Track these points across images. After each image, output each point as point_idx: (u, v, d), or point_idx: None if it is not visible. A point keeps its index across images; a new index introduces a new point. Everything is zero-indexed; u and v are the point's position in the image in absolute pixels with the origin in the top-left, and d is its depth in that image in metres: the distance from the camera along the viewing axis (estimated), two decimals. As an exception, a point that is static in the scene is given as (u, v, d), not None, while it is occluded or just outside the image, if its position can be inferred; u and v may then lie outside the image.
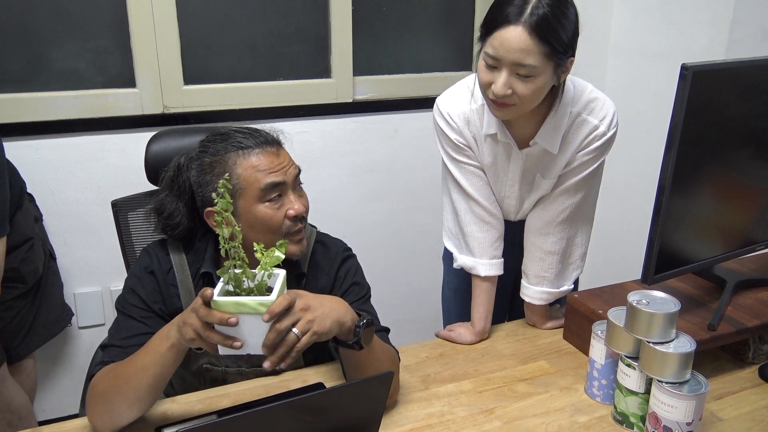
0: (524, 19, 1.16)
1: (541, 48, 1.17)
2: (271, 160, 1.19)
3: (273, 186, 1.18)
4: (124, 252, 1.55)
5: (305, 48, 2.32)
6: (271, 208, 1.19)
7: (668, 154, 1.17)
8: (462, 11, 2.53)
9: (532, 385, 1.32)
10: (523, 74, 1.20)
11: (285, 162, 1.21)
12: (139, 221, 1.56)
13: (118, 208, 1.55)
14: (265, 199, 1.18)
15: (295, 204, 1.20)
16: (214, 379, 1.34)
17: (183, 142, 1.51)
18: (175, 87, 2.14)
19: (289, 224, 1.20)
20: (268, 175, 1.18)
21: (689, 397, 1.05)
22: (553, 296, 1.53)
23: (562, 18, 1.18)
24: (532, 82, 1.21)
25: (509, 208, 1.54)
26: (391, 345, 1.28)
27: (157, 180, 1.55)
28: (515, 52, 1.18)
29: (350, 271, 1.35)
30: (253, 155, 1.19)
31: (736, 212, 1.42)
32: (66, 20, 2.02)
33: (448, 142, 1.45)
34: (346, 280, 1.34)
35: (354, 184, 2.47)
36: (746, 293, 1.47)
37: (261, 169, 1.18)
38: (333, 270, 1.34)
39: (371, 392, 1.00)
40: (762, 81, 1.28)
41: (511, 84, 1.21)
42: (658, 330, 1.10)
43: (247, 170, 1.18)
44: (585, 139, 1.38)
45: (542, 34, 1.16)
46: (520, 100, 1.24)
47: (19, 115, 2.01)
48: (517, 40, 1.17)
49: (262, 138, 1.21)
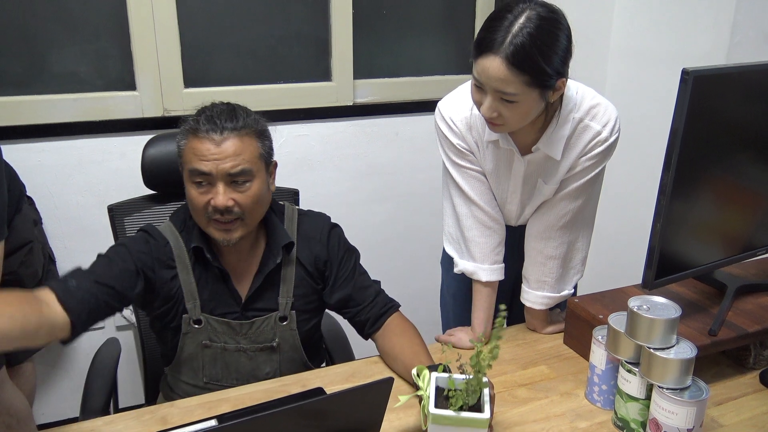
0: (503, 48, 1.14)
1: (519, 77, 1.16)
2: (207, 148, 1.23)
3: (197, 173, 1.25)
4: None
5: (306, 51, 2.32)
6: (196, 191, 1.27)
7: (669, 158, 1.16)
8: (462, 14, 2.53)
9: (532, 391, 1.32)
10: (507, 99, 1.20)
11: (223, 154, 1.23)
12: (137, 226, 1.55)
13: (114, 212, 1.54)
14: (193, 181, 1.26)
15: (217, 196, 1.25)
16: (213, 357, 1.38)
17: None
18: (175, 90, 2.14)
19: (210, 211, 1.27)
20: (197, 161, 1.24)
21: (690, 403, 1.05)
22: (553, 301, 1.53)
23: (545, 46, 1.15)
24: (516, 107, 1.21)
25: (510, 214, 1.53)
26: (389, 298, 1.45)
27: (154, 184, 1.55)
28: (495, 81, 1.18)
29: (340, 238, 1.46)
30: (198, 138, 1.24)
31: (737, 217, 1.42)
32: (66, 23, 2.02)
33: (450, 146, 1.45)
34: (339, 247, 1.44)
35: (354, 187, 2.47)
36: (747, 298, 1.46)
37: (195, 153, 1.24)
38: (324, 238, 1.43)
39: (372, 397, 1.00)
40: (763, 86, 1.27)
41: (497, 108, 1.22)
42: (659, 336, 1.09)
43: (186, 150, 1.27)
44: (587, 145, 1.38)
45: (520, 64, 1.15)
46: (507, 121, 1.24)
47: (19, 118, 2.01)
48: (495, 70, 1.16)
49: (214, 124, 1.24)
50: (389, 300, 1.45)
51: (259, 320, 1.38)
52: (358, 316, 1.42)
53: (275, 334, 1.39)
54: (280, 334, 1.40)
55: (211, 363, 1.38)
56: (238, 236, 1.30)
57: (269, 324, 1.38)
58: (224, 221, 1.27)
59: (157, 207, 1.58)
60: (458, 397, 1.04)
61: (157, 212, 1.58)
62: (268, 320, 1.38)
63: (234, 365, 1.38)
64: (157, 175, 1.52)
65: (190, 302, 1.34)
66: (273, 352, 1.40)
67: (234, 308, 1.37)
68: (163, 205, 1.58)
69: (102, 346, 1.59)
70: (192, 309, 1.34)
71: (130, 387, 2.24)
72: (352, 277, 1.44)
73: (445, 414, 1.03)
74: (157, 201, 1.59)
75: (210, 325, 1.35)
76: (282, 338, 1.40)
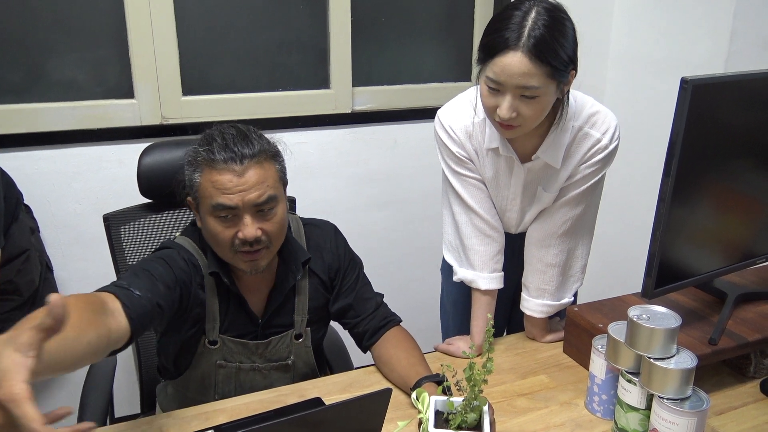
0: (522, 43, 1.15)
1: (542, 69, 1.17)
2: (229, 179, 1.17)
3: (221, 208, 1.19)
4: (116, 267, 1.53)
5: (304, 58, 2.32)
6: (220, 225, 1.21)
7: (668, 166, 1.16)
8: (461, 21, 2.53)
9: (532, 400, 1.31)
10: (528, 95, 1.20)
11: (247, 184, 1.18)
12: (132, 235, 1.54)
13: (110, 222, 1.52)
14: (216, 216, 1.20)
15: (245, 229, 1.20)
16: (227, 376, 1.36)
17: (176, 154, 1.49)
18: (173, 98, 2.13)
19: (237, 244, 1.21)
20: (221, 195, 1.18)
21: (691, 413, 1.04)
22: (553, 309, 1.52)
23: (560, 36, 1.18)
24: (536, 102, 1.21)
25: (510, 221, 1.53)
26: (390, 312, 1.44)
27: (151, 193, 1.54)
28: (517, 77, 1.18)
29: (346, 246, 1.45)
30: (216, 170, 1.18)
31: (737, 225, 1.41)
32: (65, 31, 2.02)
33: (449, 154, 1.45)
34: (346, 255, 1.43)
35: (353, 194, 2.46)
36: (747, 306, 1.45)
37: (217, 186, 1.18)
38: (333, 246, 1.42)
39: (370, 408, 0.99)
40: (762, 94, 1.27)
41: (516, 107, 1.21)
42: (659, 345, 1.08)
43: (206, 183, 1.20)
44: (587, 153, 1.38)
45: (542, 56, 1.16)
46: (526, 120, 1.24)
47: (17, 126, 2.00)
48: (518, 65, 1.16)
49: (233, 153, 1.18)
50: (390, 314, 1.44)
51: (276, 339, 1.36)
52: (357, 327, 1.41)
53: (290, 352, 1.38)
54: (295, 351, 1.39)
55: (225, 381, 1.36)
56: (265, 264, 1.26)
57: (285, 342, 1.37)
58: (252, 251, 1.23)
59: (153, 216, 1.57)
60: (457, 417, 1.04)
61: (153, 221, 1.57)
62: (284, 339, 1.37)
63: (248, 383, 1.37)
64: (153, 184, 1.51)
65: (210, 324, 1.31)
66: (287, 370, 1.39)
67: (251, 329, 1.34)
68: (159, 214, 1.57)
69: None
70: (210, 330, 1.31)
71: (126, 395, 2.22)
72: (355, 287, 1.43)
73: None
74: (153, 210, 1.57)
75: (226, 345, 1.33)
76: (297, 355, 1.39)
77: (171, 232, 1.57)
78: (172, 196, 1.33)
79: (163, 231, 1.57)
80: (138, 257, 1.54)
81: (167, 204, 1.58)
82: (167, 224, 1.58)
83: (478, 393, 1.05)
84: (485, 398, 1.08)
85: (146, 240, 1.55)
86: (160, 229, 1.57)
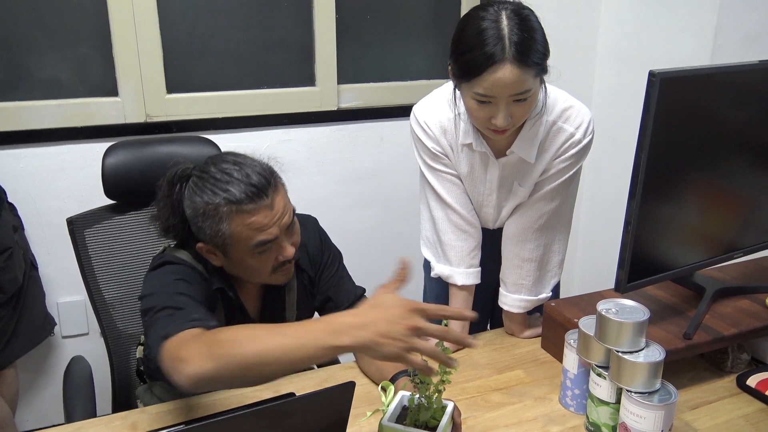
0: (507, 54, 1.16)
1: (530, 72, 1.19)
2: (265, 215, 1.17)
3: (264, 243, 1.19)
4: (82, 270, 1.51)
5: (289, 56, 2.32)
6: (261, 258, 1.22)
7: (638, 160, 1.16)
8: (447, 19, 2.53)
9: (506, 395, 1.31)
10: (521, 99, 1.22)
11: (278, 212, 1.19)
12: (97, 238, 1.53)
13: (74, 225, 1.50)
14: (258, 251, 1.20)
15: (286, 250, 1.23)
16: None
17: (139, 154, 1.49)
18: (157, 95, 2.14)
19: (277, 265, 1.24)
20: (261, 233, 1.18)
21: (658, 407, 1.04)
22: (531, 304, 1.52)
23: (533, 33, 1.19)
24: (528, 102, 1.24)
25: (487, 216, 1.53)
26: None
27: (115, 194, 1.52)
28: (511, 87, 1.19)
29: (326, 237, 1.47)
30: (247, 213, 1.16)
31: (713, 219, 1.41)
32: (48, 29, 2.02)
33: (424, 150, 1.45)
34: (326, 248, 1.44)
35: (339, 192, 2.46)
36: (726, 302, 1.45)
37: (254, 227, 1.17)
38: (317, 241, 1.43)
39: (334, 401, 0.99)
40: (734, 86, 1.27)
41: (511, 111, 1.23)
42: (627, 339, 1.08)
43: (238, 227, 1.17)
44: (561, 147, 1.38)
45: (526, 59, 1.17)
46: (518, 120, 1.27)
47: (1, 124, 2.01)
48: (509, 77, 1.18)
49: (256, 188, 1.16)
50: None
51: None
52: None
53: None
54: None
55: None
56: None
57: None
58: (287, 267, 1.27)
59: (117, 217, 1.55)
60: (412, 414, 1.04)
61: (117, 222, 1.55)
62: None
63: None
64: (118, 185, 1.49)
65: None
66: None
67: None
68: (123, 215, 1.55)
69: (72, 365, 1.52)
70: None
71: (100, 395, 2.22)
72: (335, 280, 1.44)
73: (393, 427, 1.02)
74: (117, 211, 1.55)
75: None
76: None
77: (136, 233, 1.56)
78: (137, 195, 1.31)
79: (127, 232, 1.56)
80: (103, 260, 1.52)
81: (131, 204, 1.56)
82: (131, 225, 1.57)
83: (435, 392, 1.04)
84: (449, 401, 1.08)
85: (111, 242, 1.54)
86: (125, 231, 1.56)
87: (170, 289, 1.17)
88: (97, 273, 1.53)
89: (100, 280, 1.54)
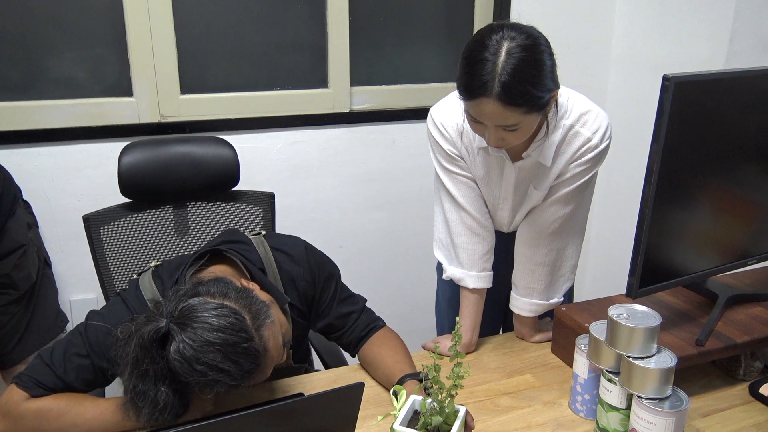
0: (493, 91, 1.15)
1: (516, 111, 1.17)
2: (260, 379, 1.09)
3: None
4: (97, 267, 1.53)
5: (302, 58, 2.33)
6: None
7: (651, 165, 1.15)
8: (460, 21, 2.52)
9: (515, 399, 1.30)
10: (509, 129, 1.21)
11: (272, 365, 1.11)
12: (112, 236, 1.54)
13: (90, 222, 1.51)
14: None
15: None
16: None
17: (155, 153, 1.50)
18: (171, 96, 2.15)
19: None
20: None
21: (669, 413, 1.03)
22: (542, 308, 1.52)
23: (532, 75, 1.15)
24: (520, 131, 1.23)
25: (502, 220, 1.52)
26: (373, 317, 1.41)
27: (130, 192, 1.53)
28: (495, 119, 1.19)
29: (318, 263, 1.37)
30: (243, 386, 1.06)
31: (727, 225, 1.40)
32: (64, 29, 2.04)
33: (441, 152, 1.45)
34: (319, 276, 1.36)
35: (351, 194, 2.47)
36: (739, 309, 1.44)
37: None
38: (305, 272, 1.34)
39: (343, 402, 0.99)
40: (749, 91, 1.26)
41: (501, 135, 1.23)
42: (639, 345, 1.08)
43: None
44: (578, 151, 1.37)
45: (513, 100, 1.15)
46: (513, 143, 1.26)
47: (17, 123, 2.02)
48: (491, 110, 1.17)
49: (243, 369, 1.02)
50: (373, 319, 1.41)
51: None
52: (341, 339, 1.41)
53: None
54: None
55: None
56: None
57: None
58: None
59: (133, 215, 1.57)
60: (422, 418, 1.04)
61: (132, 220, 1.56)
62: None
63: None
64: (133, 183, 1.51)
65: None
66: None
67: None
68: (138, 213, 1.57)
69: None
70: None
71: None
72: (333, 305, 1.39)
73: (405, 431, 1.02)
74: (132, 209, 1.57)
75: None
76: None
77: (150, 231, 1.57)
78: (152, 194, 1.31)
79: (142, 230, 1.57)
80: (118, 257, 1.54)
81: (147, 203, 1.57)
82: (147, 223, 1.58)
83: (448, 397, 1.04)
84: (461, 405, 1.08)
85: (126, 240, 1.55)
86: (140, 229, 1.57)
87: (77, 339, 1.17)
88: (111, 270, 1.55)
89: (115, 276, 1.56)
